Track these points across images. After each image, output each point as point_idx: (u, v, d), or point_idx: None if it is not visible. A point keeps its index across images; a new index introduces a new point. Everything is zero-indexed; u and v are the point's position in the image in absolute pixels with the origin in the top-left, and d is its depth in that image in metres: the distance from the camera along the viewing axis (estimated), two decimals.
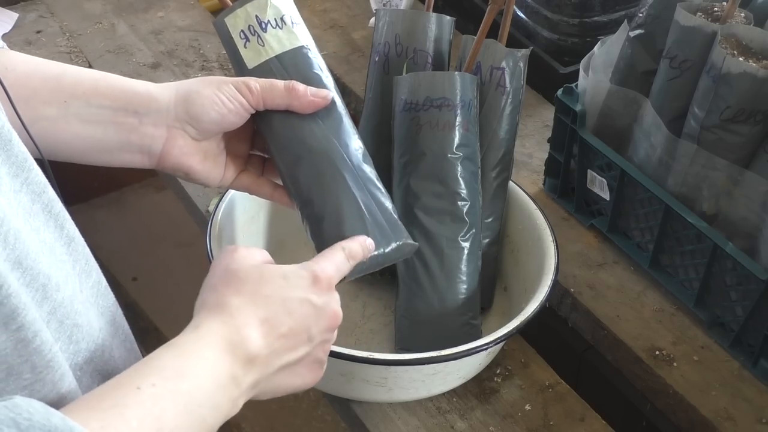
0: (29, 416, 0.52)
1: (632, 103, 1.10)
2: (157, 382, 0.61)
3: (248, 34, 0.85)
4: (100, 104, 0.81)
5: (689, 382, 1.01)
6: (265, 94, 0.82)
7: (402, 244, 0.82)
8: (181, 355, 0.65)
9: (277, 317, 0.69)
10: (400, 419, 0.96)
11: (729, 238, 1.00)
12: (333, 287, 0.74)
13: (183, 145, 0.83)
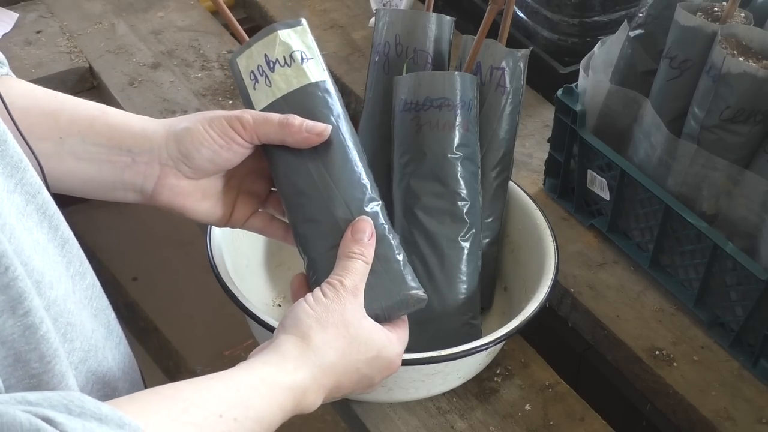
0: (81, 404, 0.53)
1: (632, 103, 1.10)
2: (239, 418, 0.64)
3: (257, 75, 0.83)
4: (95, 142, 0.80)
5: (689, 382, 1.01)
6: (258, 128, 0.79)
7: (404, 297, 0.81)
8: (264, 398, 0.68)
9: (344, 388, 0.77)
10: (400, 419, 0.96)
11: (729, 238, 1.00)
12: (400, 358, 0.81)
13: (175, 184, 0.81)
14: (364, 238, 0.80)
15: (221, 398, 0.64)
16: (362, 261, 0.79)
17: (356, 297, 0.77)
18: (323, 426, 1.74)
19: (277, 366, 0.71)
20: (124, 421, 0.54)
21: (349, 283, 0.77)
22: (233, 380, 0.67)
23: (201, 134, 0.79)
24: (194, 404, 0.62)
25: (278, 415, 0.69)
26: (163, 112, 1.35)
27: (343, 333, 0.75)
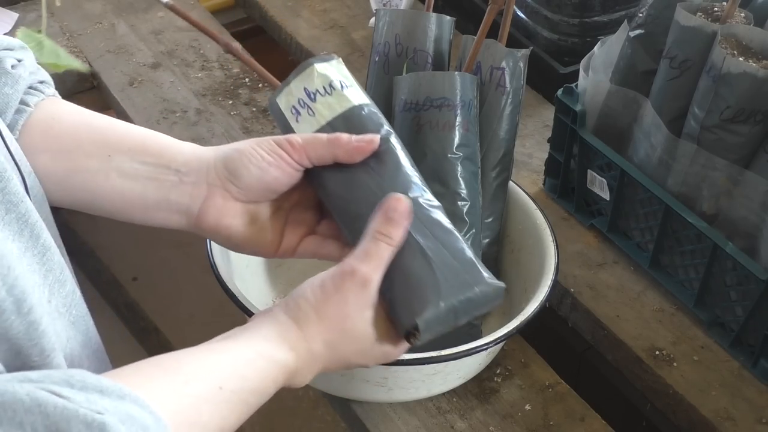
0: (82, 378, 0.55)
1: (632, 103, 1.10)
2: (237, 390, 0.67)
3: (299, 108, 0.83)
4: (144, 161, 0.79)
5: (689, 382, 1.01)
6: (308, 146, 0.78)
7: (484, 289, 0.77)
8: (263, 373, 0.70)
9: (332, 369, 0.78)
10: (400, 419, 0.96)
11: (729, 238, 1.00)
12: (403, 351, 0.79)
13: (222, 205, 0.79)
14: (395, 217, 0.75)
15: (221, 371, 0.67)
16: (387, 244, 0.75)
17: (365, 287, 0.74)
18: (323, 426, 1.74)
19: (275, 343, 0.72)
20: (124, 392, 0.56)
21: (361, 272, 0.74)
22: (233, 354, 0.69)
23: (249, 152, 0.79)
24: (196, 377, 0.65)
25: (271, 388, 0.71)
26: (163, 112, 1.35)
27: (337, 326, 0.75)
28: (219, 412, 0.65)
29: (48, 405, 0.50)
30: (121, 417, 0.54)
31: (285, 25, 1.55)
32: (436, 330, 0.75)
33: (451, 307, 0.75)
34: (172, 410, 0.60)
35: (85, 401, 0.52)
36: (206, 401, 0.64)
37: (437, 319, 0.75)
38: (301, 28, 1.54)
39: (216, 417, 0.65)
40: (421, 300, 0.75)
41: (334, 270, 0.75)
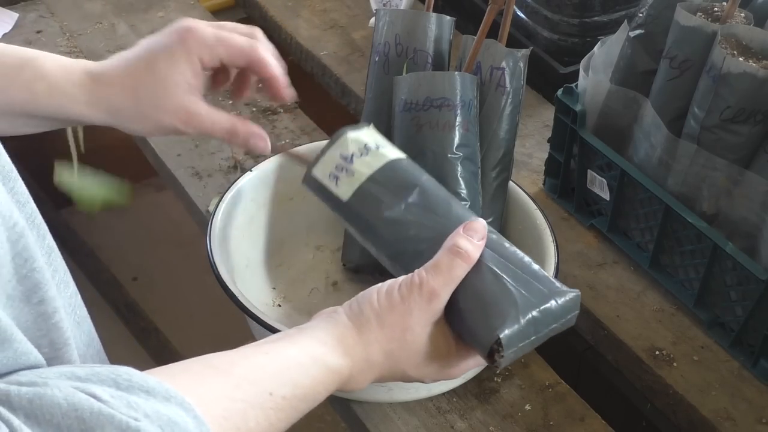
0: (128, 377, 0.55)
1: (632, 103, 1.10)
2: (287, 396, 0.66)
3: (337, 173, 0.85)
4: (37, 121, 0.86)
5: (689, 382, 1.01)
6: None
7: (560, 298, 0.76)
8: (316, 380, 0.70)
9: (387, 379, 0.77)
10: (400, 419, 0.96)
11: (729, 238, 1.00)
12: (461, 372, 0.80)
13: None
14: (475, 237, 0.76)
15: (273, 377, 0.66)
16: (462, 261, 0.75)
17: (430, 302, 0.74)
18: (323, 426, 1.74)
19: (331, 348, 0.71)
20: (170, 393, 0.55)
21: (430, 285, 0.74)
22: (287, 358, 0.69)
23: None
24: (247, 381, 0.64)
25: (322, 394, 0.71)
26: None
27: (398, 336, 0.74)
28: (267, 418, 0.64)
29: (84, 410, 0.50)
30: (161, 423, 0.53)
31: (285, 25, 1.55)
32: (517, 345, 0.74)
33: (530, 320, 0.74)
34: (219, 415, 0.60)
35: (125, 405, 0.52)
36: (254, 407, 0.63)
37: (519, 333, 0.74)
38: (301, 28, 1.54)
39: (263, 423, 0.64)
40: (499, 315, 0.74)
41: (404, 279, 0.75)
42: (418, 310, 0.73)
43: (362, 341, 0.73)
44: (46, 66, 0.84)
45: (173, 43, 0.82)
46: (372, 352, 0.73)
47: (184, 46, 0.82)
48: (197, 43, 0.82)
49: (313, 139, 1.28)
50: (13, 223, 0.56)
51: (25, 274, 0.57)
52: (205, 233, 0.98)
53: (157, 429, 0.53)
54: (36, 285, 0.57)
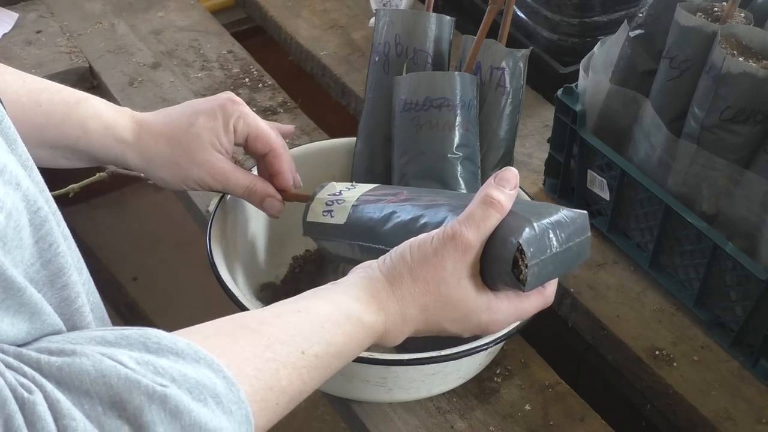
0: (158, 340, 0.56)
1: (632, 103, 1.10)
2: (320, 354, 0.66)
3: (330, 209, 0.91)
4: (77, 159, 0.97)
5: (689, 382, 1.01)
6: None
7: (567, 213, 0.77)
8: (349, 337, 0.69)
9: (426, 333, 0.76)
10: (400, 419, 0.96)
11: (729, 238, 1.00)
12: (501, 325, 0.78)
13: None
14: (507, 187, 0.75)
15: (306, 335, 0.66)
16: (495, 211, 0.74)
17: (465, 253, 0.73)
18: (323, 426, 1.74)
19: (364, 304, 0.71)
20: (200, 355, 0.56)
21: (464, 236, 0.73)
22: (319, 316, 0.68)
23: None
24: (279, 340, 0.64)
25: (356, 350, 0.70)
26: None
27: (432, 289, 0.73)
28: (299, 377, 0.64)
29: (112, 376, 0.51)
30: (189, 386, 0.54)
31: (285, 25, 1.55)
32: (539, 257, 0.74)
33: (544, 229, 0.74)
34: (250, 375, 0.60)
35: (151, 371, 0.53)
36: (287, 366, 0.63)
37: (537, 242, 0.73)
38: (301, 28, 1.54)
39: (296, 382, 0.64)
40: (515, 231, 0.74)
41: (437, 232, 0.74)
42: (452, 262, 0.73)
43: (396, 296, 0.72)
44: (99, 106, 0.95)
45: (216, 107, 0.94)
46: (406, 306, 0.72)
47: (224, 111, 0.94)
48: (236, 113, 0.94)
49: (313, 139, 1.28)
50: (37, 207, 0.57)
51: (50, 259, 0.58)
52: (205, 233, 0.98)
53: (185, 392, 0.53)
54: (60, 269, 0.58)
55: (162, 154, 0.94)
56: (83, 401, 0.50)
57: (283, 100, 1.38)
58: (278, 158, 0.97)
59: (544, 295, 0.80)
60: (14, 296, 0.53)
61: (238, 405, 0.57)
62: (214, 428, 0.54)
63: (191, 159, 0.94)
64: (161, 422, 0.52)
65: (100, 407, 0.50)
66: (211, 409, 0.55)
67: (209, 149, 0.94)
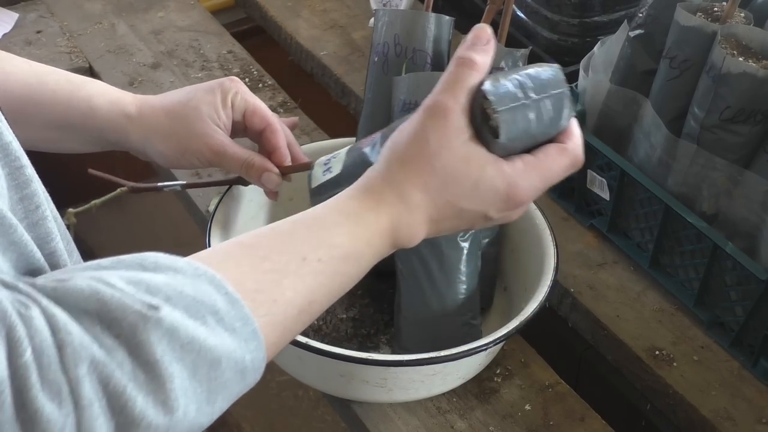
0: (155, 261, 0.55)
1: (632, 103, 1.10)
2: (323, 258, 0.63)
3: (328, 166, 0.90)
4: (83, 139, 0.99)
5: (689, 382, 1.01)
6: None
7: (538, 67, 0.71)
8: (352, 236, 0.65)
9: (448, 222, 0.69)
10: (400, 419, 0.96)
11: (729, 238, 1.00)
12: (525, 201, 0.70)
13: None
14: (478, 43, 0.68)
15: (303, 240, 0.63)
16: (470, 69, 0.67)
17: (446, 118, 0.66)
18: (323, 426, 1.74)
19: (360, 201, 0.67)
20: (199, 271, 0.55)
21: (439, 101, 0.67)
22: (315, 219, 0.65)
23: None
24: (275, 251, 0.62)
25: (367, 252, 0.66)
26: None
27: (425, 168, 0.67)
28: (305, 285, 0.61)
29: (105, 294, 0.51)
30: (185, 303, 0.53)
31: (285, 25, 1.55)
32: (507, 103, 0.67)
33: (511, 78, 0.69)
34: (251, 289, 0.58)
35: (144, 291, 0.52)
36: (288, 275, 0.61)
37: (503, 90, 0.68)
38: (301, 28, 1.54)
39: (302, 290, 0.61)
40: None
41: (415, 112, 0.69)
42: (435, 131, 0.66)
43: (389, 184, 0.67)
44: (103, 85, 0.99)
45: (214, 85, 0.97)
46: (405, 192, 0.67)
47: (222, 87, 0.96)
48: (234, 89, 0.97)
49: (313, 139, 1.28)
50: (20, 165, 0.57)
51: (36, 221, 0.58)
52: (205, 233, 0.98)
53: (180, 311, 0.53)
54: (47, 234, 0.58)
55: (162, 126, 0.95)
56: (82, 318, 0.50)
57: (283, 100, 1.38)
58: (275, 133, 0.98)
59: (568, 151, 0.71)
60: (5, 233, 0.53)
61: (243, 321, 0.55)
62: (213, 345, 0.53)
63: (190, 131, 0.94)
64: (158, 341, 0.51)
65: (99, 325, 0.50)
66: (210, 326, 0.54)
67: (207, 122, 0.95)
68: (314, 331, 1.02)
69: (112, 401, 0.50)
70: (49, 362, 0.48)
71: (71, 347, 0.49)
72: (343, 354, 0.87)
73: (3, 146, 0.57)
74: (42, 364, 0.48)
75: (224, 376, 0.54)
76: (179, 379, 0.52)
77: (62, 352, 0.49)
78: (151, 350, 0.51)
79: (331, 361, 0.88)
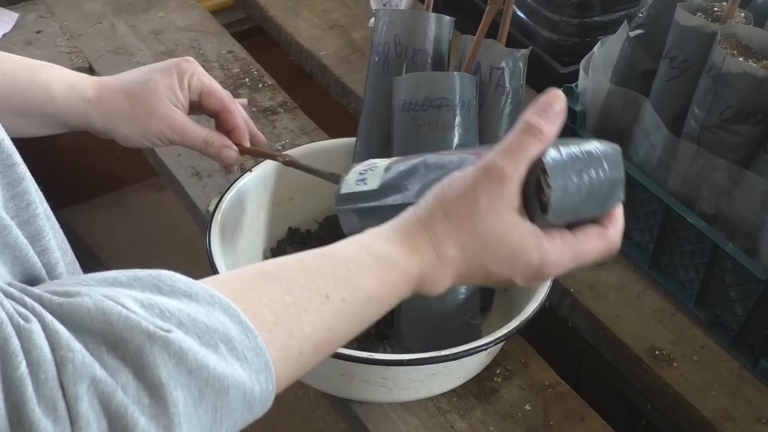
0: (171, 282, 0.54)
1: (632, 103, 1.10)
2: (347, 299, 0.61)
3: (363, 177, 0.85)
4: (43, 123, 0.99)
5: (689, 382, 1.01)
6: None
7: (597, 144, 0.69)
8: (379, 280, 0.64)
9: (474, 279, 0.69)
10: (400, 419, 0.96)
11: (729, 238, 1.00)
12: (552, 275, 0.70)
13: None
14: (550, 111, 0.67)
15: (329, 277, 0.61)
16: (536, 139, 0.66)
17: (501, 184, 0.65)
18: (323, 426, 1.74)
19: (395, 244, 0.65)
20: (215, 299, 0.54)
21: (499, 167, 0.65)
22: (344, 257, 0.63)
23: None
24: (299, 284, 0.60)
25: (391, 297, 0.65)
26: None
27: (468, 226, 0.66)
28: (325, 323, 0.60)
29: (113, 314, 0.50)
30: (198, 330, 0.52)
31: (285, 25, 1.55)
32: (563, 178, 0.67)
33: (571, 154, 0.67)
34: (268, 321, 0.57)
35: (157, 315, 0.51)
36: (309, 311, 0.59)
37: (562, 163, 0.67)
38: (301, 28, 1.54)
39: (321, 329, 0.60)
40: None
41: (472, 167, 0.67)
42: (488, 195, 0.65)
43: (428, 233, 0.66)
44: (61, 70, 0.99)
45: (171, 65, 0.99)
46: (441, 244, 0.66)
47: (178, 68, 0.99)
48: (190, 70, 0.99)
49: (313, 139, 1.28)
50: (12, 162, 0.57)
51: (27, 219, 0.58)
52: (205, 233, 0.98)
53: (192, 337, 0.51)
54: (39, 232, 0.58)
55: (122, 109, 0.97)
56: (87, 339, 0.49)
57: (283, 100, 1.38)
58: (231, 114, 1.01)
59: (607, 237, 0.70)
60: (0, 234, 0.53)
61: (255, 352, 0.54)
62: (222, 373, 0.52)
63: (150, 112, 0.97)
64: (165, 364, 0.50)
65: (104, 346, 0.49)
66: (221, 354, 0.52)
67: (166, 103, 0.97)
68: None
69: (113, 422, 0.49)
70: (46, 378, 0.47)
71: (72, 365, 0.48)
72: (344, 353, 0.87)
73: None
74: (39, 380, 0.47)
75: (231, 405, 0.53)
76: (183, 405, 0.50)
77: (62, 369, 0.48)
78: (156, 373, 0.50)
79: (332, 360, 0.88)
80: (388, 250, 0.65)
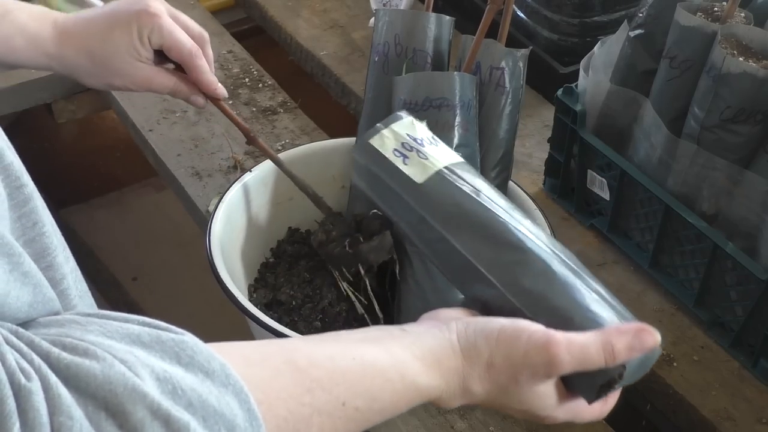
0: (192, 354, 0.53)
1: (632, 103, 1.10)
2: (361, 408, 0.62)
3: (404, 152, 0.79)
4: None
5: (689, 382, 1.01)
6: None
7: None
8: (398, 396, 0.65)
9: (494, 407, 0.71)
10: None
11: (729, 238, 1.00)
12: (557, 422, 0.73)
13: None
14: (636, 345, 0.69)
15: (351, 384, 0.62)
16: (605, 360, 0.68)
17: (550, 375, 0.68)
18: None
19: (426, 367, 0.66)
20: (230, 380, 0.54)
21: (558, 360, 0.66)
22: (373, 369, 0.64)
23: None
24: (322, 386, 0.60)
25: (402, 410, 0.66)
26: (163, 112, 1.35)
27: (503, 383, 0.68)
28: (333, 426, 0.61)
29: (118, 384, 0.50)
30: (205, 413, 0.52)
31: (285, 25, 1.55)
32: (635, 376, 0.73)
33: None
34: (280, 416, 0.57)
35: (170, 390, 0.51)
36: (322, 414, 0.60)
37: (637, 362, 0.71)
38: (301, 28, 1.54)
39: (327, 430, 0.61)
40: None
41: (534, 332, 0.67)
42: (533, 373, 0.67)
43: (464, 372, 0.67)
44: (22, 19, 0.97)
45: (132, 19, 0.97)
46: (471, 385, 0.68)
47: (138, 23, 0.96)
48: (149, 24, 0.97)
49: (313, 139, 1.28)
50: (20, 184, 0.57)
51: (33, 237, 0.58)
52: (205, 233, 0.98)
53: (198, 420, 0.51)
54: (44, 249, 0.58)
55: (83, 65, 0.98)
56: (88, 403, 0.49)
57: (283, 100, 1.38)
58: (193, 69, 1.00)
59: (603, 409, 0.75)
60: (18, 265, 0.52)
61: None
62: None
63: (112, 71, 0.98)
64: None
65: (104, 412, 0.49)
66: None
67: (127, 60, 0.97)
68: (314, 331, 1.02)
69: None
70: None
71: None
72: None
73: (4, 167, 0.57)
74: None
75: None
76: None
77: None
78: None
79: None
80: (417, 371, 0.65)
